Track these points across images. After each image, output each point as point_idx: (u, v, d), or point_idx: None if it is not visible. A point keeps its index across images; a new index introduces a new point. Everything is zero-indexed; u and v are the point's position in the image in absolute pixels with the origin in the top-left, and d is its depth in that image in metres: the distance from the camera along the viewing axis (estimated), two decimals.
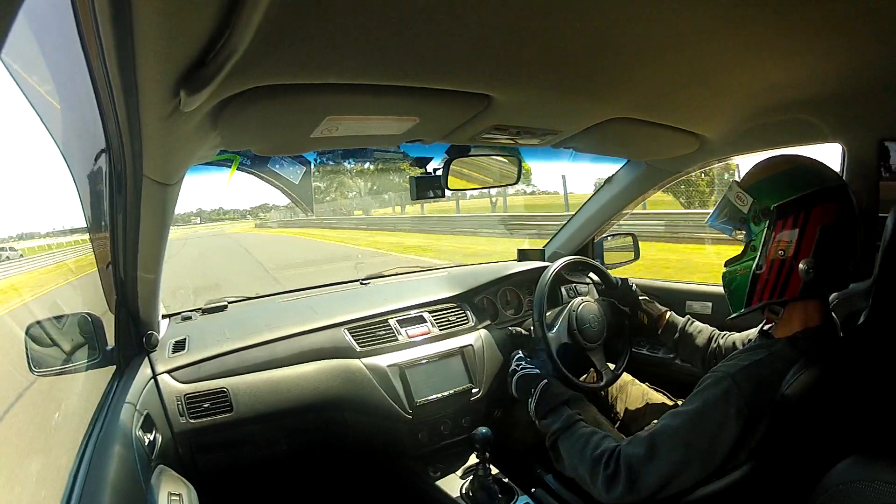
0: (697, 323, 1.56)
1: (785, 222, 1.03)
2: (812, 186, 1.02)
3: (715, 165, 1.86)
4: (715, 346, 1.49)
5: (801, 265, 1.02)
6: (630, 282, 1.78)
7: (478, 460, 1.53)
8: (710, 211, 1.25)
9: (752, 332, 1.33)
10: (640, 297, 1.71)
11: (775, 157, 1.13)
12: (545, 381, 1.39)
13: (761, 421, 0.97)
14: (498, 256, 2.54)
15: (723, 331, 1.55)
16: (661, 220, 10.04)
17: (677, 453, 1.02)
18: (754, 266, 1.09)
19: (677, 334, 1.56)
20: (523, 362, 1.51)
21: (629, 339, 1.77)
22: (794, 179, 1.04)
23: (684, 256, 8.05)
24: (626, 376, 1.79)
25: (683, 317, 1.65)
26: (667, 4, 0.70)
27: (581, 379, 1.67)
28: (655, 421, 1.15)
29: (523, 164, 1.68)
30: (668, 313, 1.62)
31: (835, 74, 1.06)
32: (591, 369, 1.72)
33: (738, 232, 1.18)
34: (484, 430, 1.47)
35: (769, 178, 1.08)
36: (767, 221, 1.06)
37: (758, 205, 1.07)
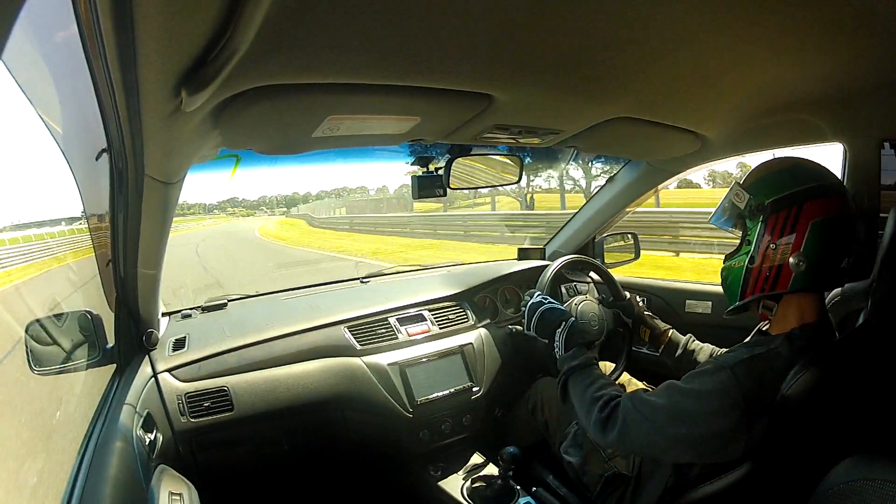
0: (698, 342, 1.56)
1: (777, 217, 1.06)
2: (805, 183, 1.04)
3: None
4: None
5: (791, 258, 1.04)
6: (637, 298, 1.77)
7: (497, 474, 1.54)
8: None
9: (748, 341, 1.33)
10: (646, 314, 1.70)
11: (775, 158, 1.15)
12: (573, 318, 1.38)
13: (760, 419, 0.98)
14: None
15: (724, 327, 1.55)
16: None
17: (671, 430, 1.05)
18: (748, 260, 1.12)
19: (679, 352, 1.55)
20: (549, 298, 1.47)
21: (628, 350, 1.77)
22: (788, 177, 1.07)
23: None
24: (623, 376, 1.78)
25: (683, 318, 1.64)
26: (669, 5, 0.70)
27: None
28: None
29: None
30: (671, 331, 1.61)
31: (836, 74, 1.07)
32: None
33: (736, 231, 1.19)
34: (512, 449, 1.47)
35: (766, 177, 1.11)
36: (762, 216, 1.08)
37: (754, 201, 1.10)
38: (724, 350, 1.47)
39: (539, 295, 1.49)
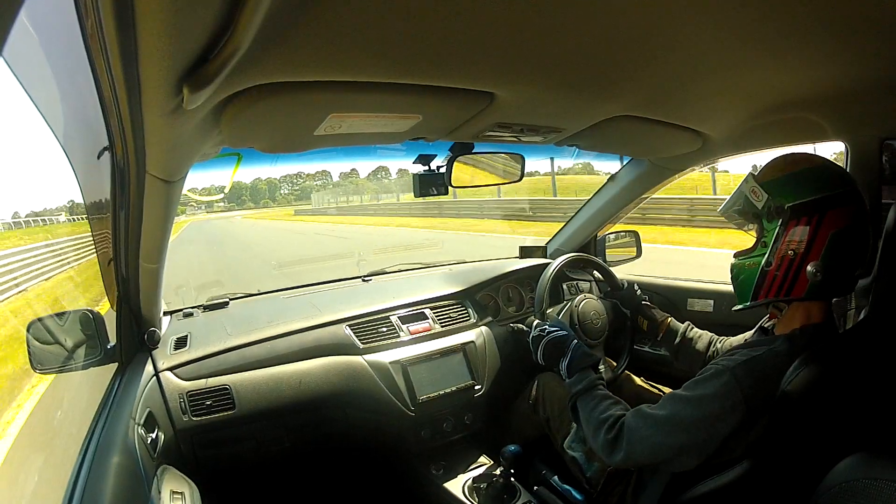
0: (696, 329, 1.56)
1: (798, 223, 1.04)
2: (828, 190, 1.02)
3: None
4: (713, 350, 1.49)
5: (809, 267, 1.03)
6: (635, 286, 1.78)
7: (498, 473, 1.53)
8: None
9: (750, 335, 1.33)
10: (644, 303, 1.71)
11: (794, 154, 1.12)
12: (575, 341, 1.38)
13: (760, 416, 0.99)
14: None
15: (726, 325, 1.55)
16: None
17: (675, 439, 1.05)
18: (763, 262, 1.10)
19: (678, 340, 1.56)
20: (547, 326, 1.47)
21: (631, 339, 1.77)
22: (810, 181, 1.04)
23: None
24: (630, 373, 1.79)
25: (685, 316, 1.64)
26: (671, 3, 0.69)
27: None
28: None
29: None
30: (669, 319, 1.62)
31: (838, 74, 1.06)
32: None
33: (750, 226, 1.18)
34: (513, 447, 1.47)
35: (786, 177, 1.07)
36: (780, 220, 1.06)
37: (772, 202, 1.07)
38: (723, 338, 1.49)
39: (538, 326, 1.49)
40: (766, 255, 1.09)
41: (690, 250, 9.04)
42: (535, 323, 1.53)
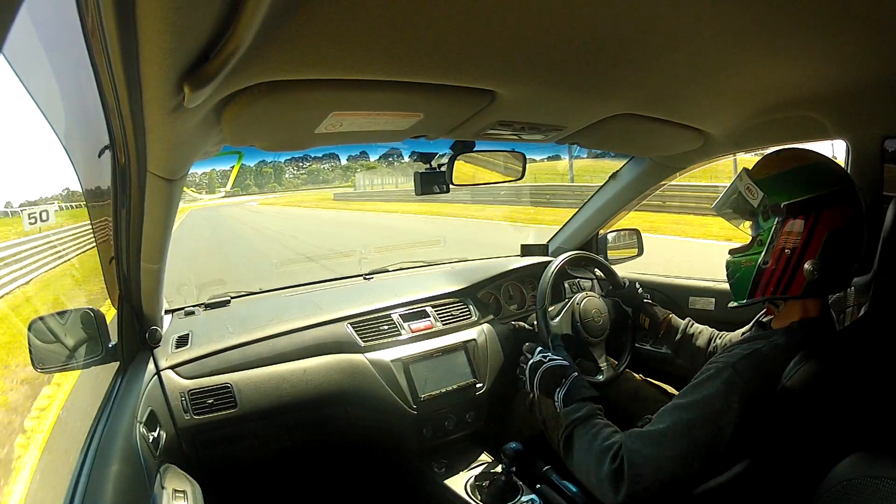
0: (697, 325, 1.56)
1: (794, 221, 1.03)
2: (824, 188, 1.01)
3: None
4: (714, 346, 1.49)
5: (806, 265, 1.02)
6: (636, 284, 1.78)
7: (500, 470, 1.54)
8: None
9: (747, 330, 1.33)
10: (645, 301, 1.71)
11: (788, 150, 1.11)
12: (576, 372, 1.32)
13: (761, 411, 0.98)
14: None
15: (725, 321, 1.55)
16: None
17: (680, 447, 1.00)
18: (760, 260, 1.09)
19: (678, 336, 1.56)
20: (549, 354, 1.40)
21: (632, 337, 1.77)
22: (806, 178, 1.03)
23: None
24: (631, 373, 1.79)
25: (687, 314, 1.65)
26: (672, 2, 0.69)
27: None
28: (650, 417, 1.13)
29: None
30: (670, 316, 1.62)
31: (839, 72, 1.06)
32: (592, 364, 1.72)
33: (744, 223, 1.18)
34: (514, 445, 1.47)
35: (782, 175, 1.06)
36: (777, 218, 1.05)
37: (768, 200, 1.06)
38: (724, 333, 1.49)
39: (540, 352, 1.42)
40: (763, 254, 1.08)
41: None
42: (537, 349, 1.45)
